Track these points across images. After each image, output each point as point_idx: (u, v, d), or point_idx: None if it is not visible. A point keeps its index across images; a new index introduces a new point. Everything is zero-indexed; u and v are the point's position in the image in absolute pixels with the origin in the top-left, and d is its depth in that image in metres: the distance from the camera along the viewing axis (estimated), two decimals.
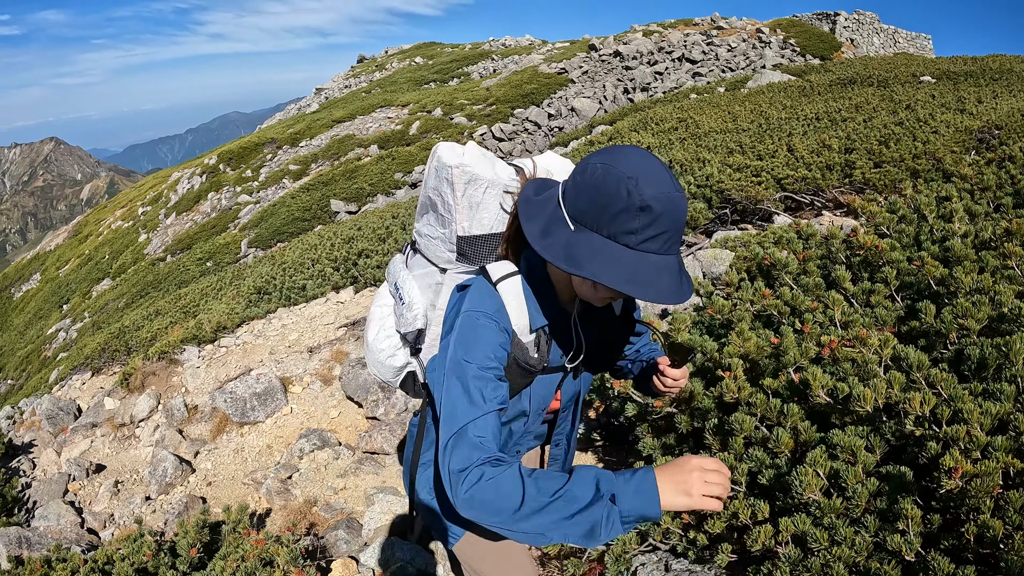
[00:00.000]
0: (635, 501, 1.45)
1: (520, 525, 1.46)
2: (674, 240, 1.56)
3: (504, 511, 1.46)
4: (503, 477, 1.48)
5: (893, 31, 42.19)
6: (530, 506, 1.45)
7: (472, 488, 1.49)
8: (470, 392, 1.66)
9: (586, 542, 1.45)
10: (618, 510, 1.44)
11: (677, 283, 1.56)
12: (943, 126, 10.06)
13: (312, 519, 5.36)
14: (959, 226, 4.74)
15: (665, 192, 1.51)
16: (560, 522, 1.44)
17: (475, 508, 1.49)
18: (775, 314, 4.05)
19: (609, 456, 4.85)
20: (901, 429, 2.69)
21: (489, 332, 1.76)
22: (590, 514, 1.44)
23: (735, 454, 2.94)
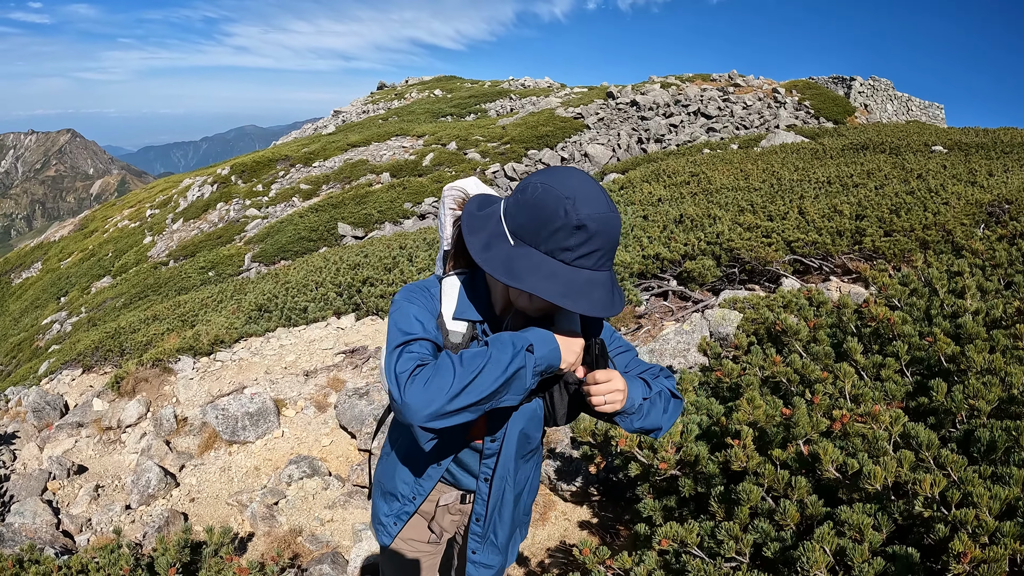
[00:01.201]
0: (545, 348, 1.75)
1: (462, 399, 1.63)
2: (607, 257, 1.71)
3: (443, 394, 1.61)
4: (439, 364, 1.66)
5: (907, 99, 42.59)
6: (461, 383, 1.62)
7: (415, 379, 1.64)
8: (409, 320, 1.85)
9: (516, 394, 1.72)
10: (534, 358, 1.72)
11: (609, 297, 1.71)
12: (954, 197, 10.08)
13: (296, 549, 5.25)
14: (971, 303, 4.71)
15: (600, 212, 1.66)
16: (494, 382, 1.65)
17: (420, 396, 1.61)
18: (784, 381, 4.01)
19: (605, 512, 4.79)
20: (910, 509, 2.64)
21: (421, 295, 1.97)
22: (515, 364, 1.68)
23: (740, 524, 2.86)
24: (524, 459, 2.20)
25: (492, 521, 2.20)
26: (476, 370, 1.64)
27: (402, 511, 2.26)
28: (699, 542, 2.87)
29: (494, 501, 2.17)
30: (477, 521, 2.21)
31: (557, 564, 4.35)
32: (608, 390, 1.80)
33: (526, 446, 2.16)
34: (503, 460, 2.12)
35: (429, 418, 1.63)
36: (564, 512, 5.00)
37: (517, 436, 2.10)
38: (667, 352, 6.27)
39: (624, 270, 9.28)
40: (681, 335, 6.39)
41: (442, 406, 1.62)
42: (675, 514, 3.45)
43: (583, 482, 5.02)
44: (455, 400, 1.62)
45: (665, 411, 1.98)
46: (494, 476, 2.14)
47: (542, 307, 1.83)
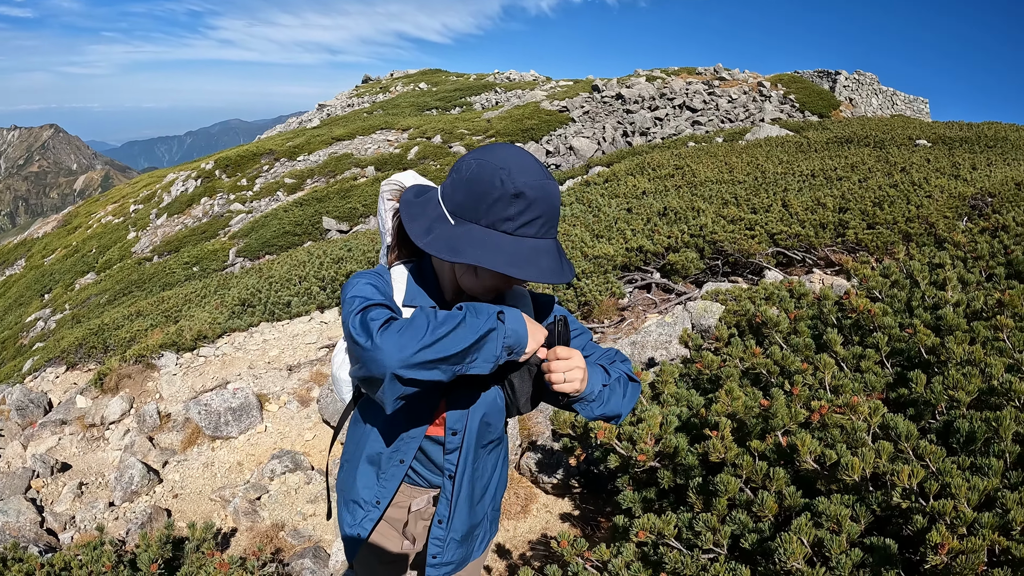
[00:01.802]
0: (515, 324, 1.73)
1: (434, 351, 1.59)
2: (549, 225, 1.72)
3: (417, 342, 1.59)
4: (413, 316, 1.64)
5: (892, 93, 42.74)
6: (435, 335, 1.59)
7: (388, 328, 1.62)
8: (370, 289, 1.84)
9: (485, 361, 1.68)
10: (504, 327, 1.69)
11: (557, 264, 1.71)
12: (937, 191, 10.14)
13: (279, 544, 5.23)
14: (952, 294, 4.73)
15: (537, 180, 1.68)
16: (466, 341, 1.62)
17: (395, 341, 1.59)
18: (764, 373, 4.01)
19: (587, 504, 4.79)
20: (888, 500, 2.65)
21: (374, 276, 1.95)
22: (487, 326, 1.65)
23: (718, 515, 2.86)
24: (487, 450, 2.17)
25: (455, 520, 2.15)
26: (450, 326, 1.61)
27: (366, 519, 2.18)
28: (677, 534, 2.87)
29: (457, 497, 2.13)
30: (440, 523, 2.15)
31: (538, 557, 4.36)
32: (568, 367, 1.77)
33: (488, 435, 2.12)
34: (465, 452, 2.08)
35: (402, 363, 1.58)
36: (546, 505, 5.00)
37: (479, 426, 2.06)
38: (649, 344, 6.27)
39: (607, 263, 9.28)
40: (663, 327, 6.39)
41: (416, 352, 1.59)
42: (654, 506, 3.45)
43: (564, 474, 5.02)
44: (429, 350, 1.59)
45: (624, 396, 1.96)
46: (457, 470, 2.10)
47: (491, 286, 1.84)
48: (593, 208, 13.60)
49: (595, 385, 1.86)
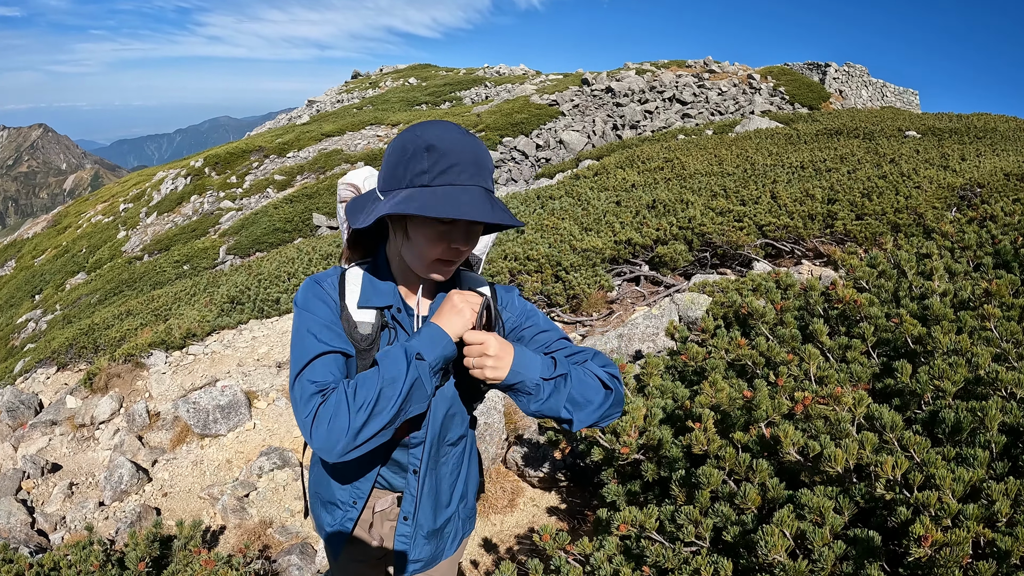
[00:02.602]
0: (434, 350, 1.72)
1: (368, 430, 1.64)
2: (470, 173, 1.71)
3: (347, 432, 1.62)
4: (335, 411, 1.64)
5: (881, 84, 42.85)
6: (362, 416, 1.62)
7: (318, 421, 1.64)
8: (303, 338, 1.82)
9: (420, 403, 1.72)
10: (427, 364, 1.70)
11: (481, 203, 1.68)
12: (926, 182, 10.16)
13: (266, 540, 5.22)
14: (938, 284, 4.73)
15: (449, 135, 1.71)
16: (394, 403, 1.65)
17: (326, 438, 1.63)
18: (749, 364, 4.00)
19: (573, 497, 4.78)
20: (871, 492, 2.64)
21: (315, 296, 1.90)
22: (413, 380, 1.67)
23: (700, 508, 2.85)
24: (452, 444, 2.14)
25: (419, 515, 2.13)
26: (372, 400, 1.63)
27: (345, 519, 2.17)
28: (658, 527, 2.86)
29: (422, 492, 2.10)
30: (405, 520, 2.12)
31: (524, 551, 4.35)
32: (476, 353, 1.74)
33: (452, 429, 2.10)
34: (429, 447, 2.06)
35: (341, 455, 1.65)
36: (532, 498, 4.99)
37: (442, 419, 2.04)
38: (636, 337, 6.26)
39: (596, 256, 9.27)
40: (650, 319, 6.38)
41: (349, 443, 1.63)
42: (639, 499, 3.44)
43: (550, 468, 5.01)
44: (360, 433, 1.63)
45: (577, 405, 1.83)
46: (422, 465, 2.07)
47: (432, 255, 1.80)
48: (582, 201, 13.59)
49: (528, 375, 1.76)
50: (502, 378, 1.74)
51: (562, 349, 1.98)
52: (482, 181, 1.73)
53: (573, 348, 2.00)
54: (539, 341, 2.01)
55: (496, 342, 1.74)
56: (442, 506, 2.18)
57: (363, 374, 1.71)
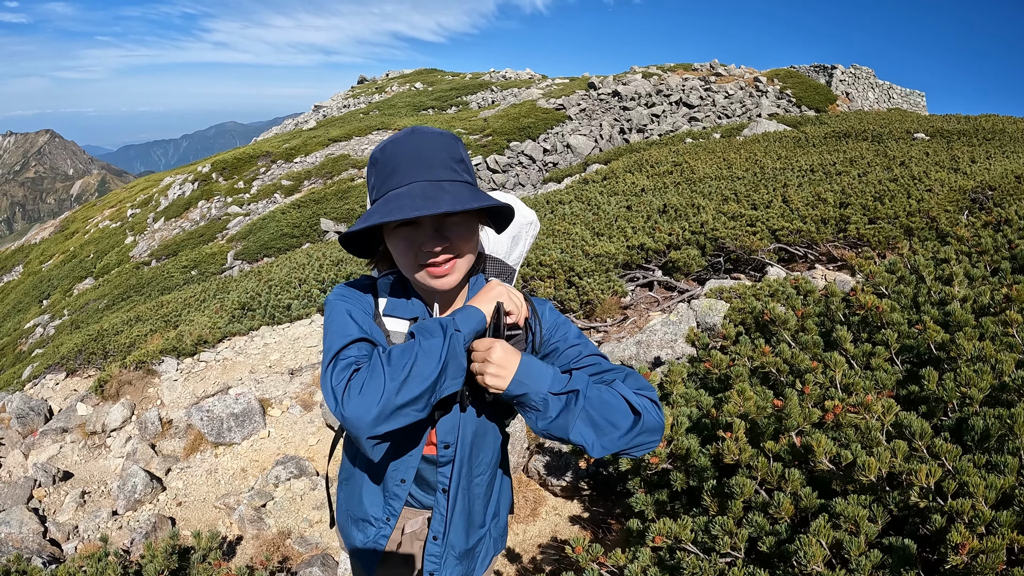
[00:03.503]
0: (469, 323, 1.71)
1: (403, 395, 1.57)
2: (405, 170, 1.67)
3: (380, 398, 1.55)
4: (371, 367, 1.60)
5: (888, 86, 42.79)
6: (397, 380, 1.56)
7: (350, 389, 1.58)
8: (343, 320, 1.80)
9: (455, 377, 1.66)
10: (461, 335, 1.67)
11: (421, 197, 1.61)
12: (937, 184, 10.12)
13: (285, 552, 5.19)
14: (959, 290, 4.70)
15: (394, 141, 1.70)
16: (432, 370, 1.59)
17: (358, 405, 1.56)
18: (773, 372, 3.97)
19: (596, 506, 4.75)
20: (905, 500, 2.61)
21: (353, 293, 1.90)
22: (450, 346, 1.63)
23: (734, 518, 2.82)
24: (483, 462, 2.07)
25: (451, 535, 2.06)
26: (408, 364, 1.58)
27: (379, 535, 2.10)
28: (693, 538, 2.83)
29: (452, 511, 2.03)
30: (435, 540, 2.05)
31: (549, 560, 4.32)
32: (480, 358, 1.69)
33: (483, 446, 2.04)
34: (459, 465, 1.99)
35: (372, 425, 1.57)
36: (555, 507, 4.96)
37: (472, 436, 1.98)
38: (654, 343, 6.24)
39: (609, 261, 9.24)
40: (668, 326, 6.36)
41: (382, 409, 1.56)
42: (667, 508, 3.41)
43: (573, 477, 4.98)
44: (395, 398, 1.56)
45: (597, 428, 1.69)
46: (451, 483, 2.00)
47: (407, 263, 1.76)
48: (593, 206, 13.57)
49: (534, 388, 1.67)
50: (503, 387, 1.67)
51: (590, 365, 1.88)
52: (424, 175, 1.66)
53: (604, 365, 1.88)
54: (568, 356, 1.92)
55: (501, 348, 1.68)
56: (475, 526, 2.12)
57: (399, 345, 1.65)
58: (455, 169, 1.69)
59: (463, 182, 1.70)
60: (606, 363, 1.90)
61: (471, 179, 1.74)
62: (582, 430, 1.68)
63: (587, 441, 1.68)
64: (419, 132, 1.72)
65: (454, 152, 1.71)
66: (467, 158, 1.76)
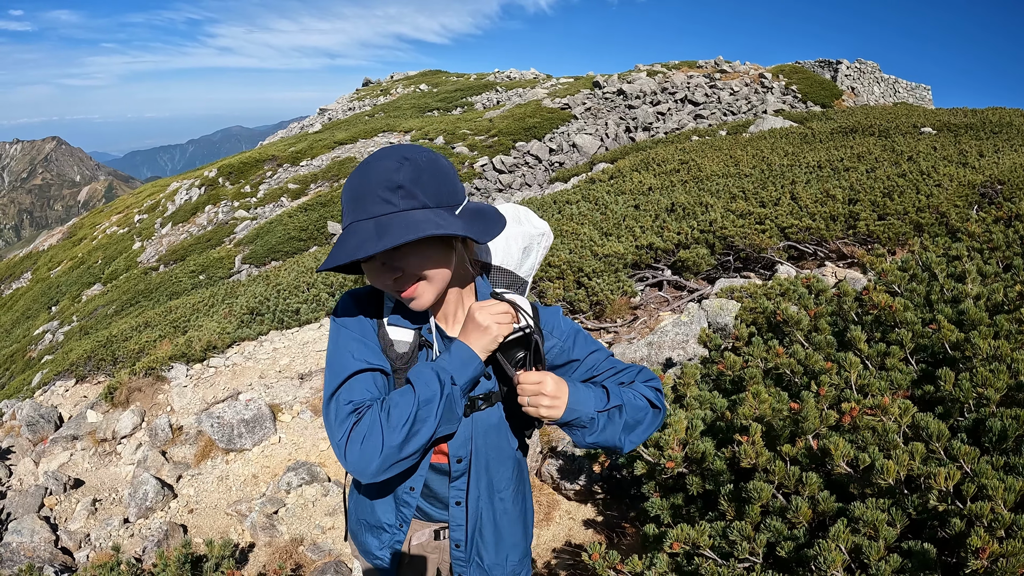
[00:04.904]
0: (465, 371, 1.74)
1: (405, 450, 1.66)
2: (351, 208, 1.71)
3: (380, 452, 1.64)
4: (368, 432, 1.66)
5: (894, 81, 42.64)
6: (399, 437, 1.64)
7: (351, 440, 1.66)
8: (340, 355, 1.83)
9: (450, 424, 1.75)
10: (458, 388, 1.72)
11: (367, 238, 1.63)
12: (946, 179, 10.06)
13: (298, 559, 5.17)
14: (972, 287, 4.66)
15: (351, 175, 1.73)
16: (430, 424, 1.68)
17: (360, 458, 1.65)
18: (787, 373, 3.94)
19: (610, 510, 4.73)
20: (924, 503, 2.59)
21: (353, 312, 1.91)
22: (447, 402, 1.70)
23: (752, 522, 2.79)
24: (506, 477, 2.08)
25: (475, 544, 2.08)
26: (407, 422, 1.65)
27: (394, 540, 2.11)
28: (711, 543, 2.80)
29: (473, 523, 2.05)
30: (457, 547, 2.08)
31: (563, 565, 4.30)
32: (532, 392, 1.74)
33: (500, 457, 2.04)
34: (475, 478, 2.01)
35: (373, 475, 1.67)
36: (568, 511, 4.94)
37: (486, 448, 1.99)
38: (666, 344, 6.21)
39: (618, 261, 9.22)
40: (679, 326, 6.33)
41: (382, 463, 1.66)
42: (682, 512, 3.38)
43: (587, 480, 4.96)
44: (395, 454, 1.66)
45: (629, 428, 1.85)
46: (468, 498, 2.02)
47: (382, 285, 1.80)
48: (600, 206, 13.54)
49: (584, 410, 1.78)
50: (558, 417, 1.75)
51: (610, 369, 1.98)
52: (360, 214, 1.68)
53: (620, 366, 2.00)
54: (588, 364, 1.99)
55: (552, 382, 1.75)
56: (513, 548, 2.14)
57: (395, 394, 1.72)
58: (390, 201, 1.67)
59: (400, 211, 1.67)
60: (620, 363, 2.01)
61: (416, 202, 1.69)
62: (620, 435, 1.84)
63: (622, 442, 1.85)
64: (363, 166, 1.72)
65: (389, 181, 1.67)
66: (414, 178, 1.69)
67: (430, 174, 1.72)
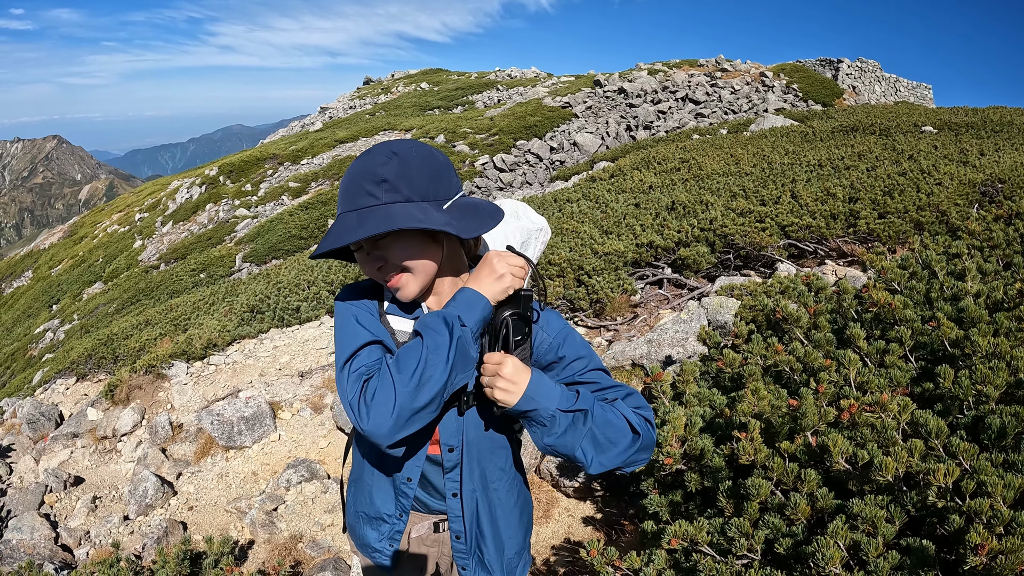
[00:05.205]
0: (473, 312, 1.69)
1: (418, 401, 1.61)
2: (342, 200, 1.78)
3: (394, 406, 1.60)
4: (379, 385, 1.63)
5: (894, 80, 42.61)
6: (410, 386, 1.60)
7: (364, 402, 1.63)
8: (350, 326, 1.83)
9: (465, 370, 1.69)
10: (469, 329, 1.67)
11: (350, 225, 1.71)
12: (946, 178, 10.04)
13: (298, 556, 5.17)
14: (972, 285, 4.65)
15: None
16: (442, 370, 1.62)
17: (375, 418, 1.61)
18: (787, 370, 3.94)
19: (609, 507, 4.73)
20: (923, 500, 2.58)
21: (357, 294, 1.94)
22: (458, 345, 1.64)
23: (750, 519, 2.79)
24: (498, 468, 2.06)
25: (474, 535, 2.06)
26: (417, 369, 1.61)
27: (394, 531, 2.11)
28: (709, 540, 2.80)
29: (470, 514, 2.04)
30: (458, 539, 2.07)
31: (562, 562, 4.30)
32: (491, 372, 1.69)
33: (492, 447, 2.03)
34: (468, 469, 1.99)
35: (390, 434, 1.62)
36: (567, 508, 4.94)
37: (477, 439, 1.98)
38: (665, 342, 6.21)
39: (618, 259, 9.20)
40: (679, 324, 6.33)
41: (397, 417, 1.61)
42: (681, 509, 3.38)
43: (586, 477, 4.96)
44: (409, 404, 1.61)
45: (598, 446, 1.74)
46: (462, 489, 2.01)
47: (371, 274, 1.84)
48: (600, 204, 13.53)
49: (543, 405, 1.69)
50: (512, 403, 1.69)
51: (594, 383, 1.90)
52: (348, 206, 1.76)
53: (607, 382, 1.91)
54: (573, 368, 1.92)
55: (512, 364, 1.69)
56: (498, 529, 2.10)
57: (404, 347, 1.69)
58: (374, 194, 1.73)
59: (381, 204, 1.73)
60: (608, 379, 1.93)
61: (400, 196, 1.74)
62: (585, 447, 1.73)
63: (587, 458, 1.75)
64: (356, 160, 1.79)
65: (374, 175, 1.74)
66: (400, 172, 1.74)
67: (418, 169, 1.76)
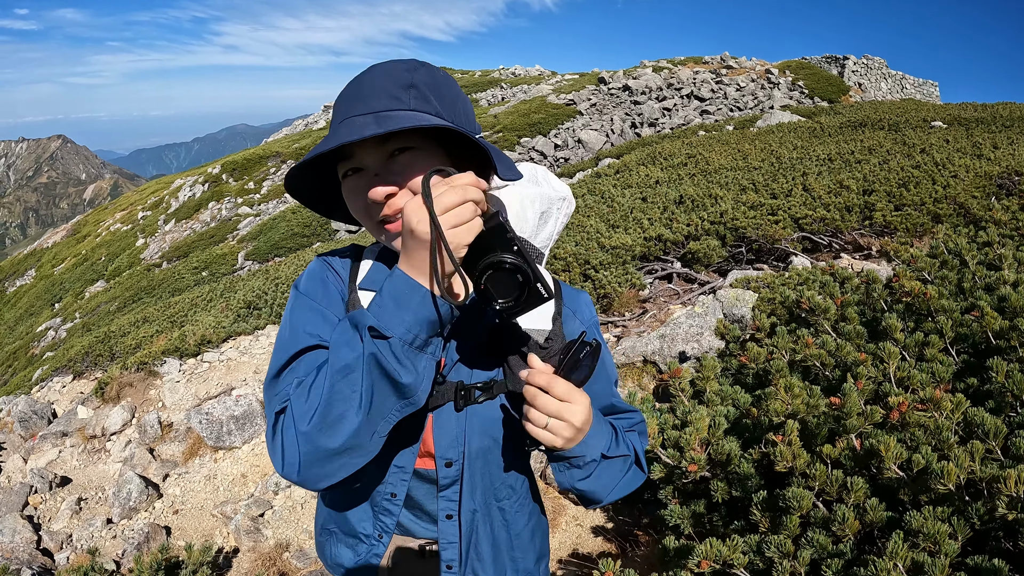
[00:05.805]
0: (401, 314, 1.15)
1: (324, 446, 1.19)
2: (346, 106, 1.31)
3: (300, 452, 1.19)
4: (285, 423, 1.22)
5: (900, 76, 42.39)
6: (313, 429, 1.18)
7: (273, 449, 1.24)
8: (288, 330, 1.39)
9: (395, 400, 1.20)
10: (396, 341, 1.15)
11: (353, 129, 1.22)
12: (962, 170, 9.78)
13: (282, 567, 4.82)
14: (1009, 274, 4.31)
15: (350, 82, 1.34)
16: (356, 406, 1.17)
17: (288, 470, 1.22)
18: (816, 365, 3.57)
19: (621, 515, 4.38)
20: (991, 511, 2.21)
21: (317, 279, 1.46)
22: (368, 370, 1.16)
23: (790, 535, 2.38)
24: (504, 482, 1.57)
25: (470, 564, 1.59)
26: (321, 403, 1.19)
27: (371, 554, 1.61)
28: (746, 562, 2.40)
29: (468, 540, 1.57)
30: (449, 568, 1.56)
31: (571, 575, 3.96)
32: (555, 410, 1.25)
33: (498, 462, 1.53)
34: (469, 486, 1.51)
35: (309, 482, 1.24)
36: (575, 517, 4.59)
37: (484, 449, 1.49)
38: (679, 337, 5.86)
39: (626, 253, 8.88)
40: (693, 318, 5.98)
41: (308, 466, 1.22)
42: (704, 521, 2.99)
43: None
44: (318, 451, 1.20)
45: (617, 481, 1.44)
46: (461, 510, 1.53)
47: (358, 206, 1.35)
48: (607, 198, 13.21)
49: (592, 448, 1.34)
50: (563, 447, 1.29)
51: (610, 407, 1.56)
52: (358, 109, 1.29)
53: (621, 405, 1.58)
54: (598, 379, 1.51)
55: (584, 406, 1.28)
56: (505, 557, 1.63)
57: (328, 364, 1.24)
58: (400, 98, 1.28)
59: (409, 109, 1.28)
60: (620, 400, 1.59)
61: (430, 108, 1.30)
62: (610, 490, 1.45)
63: (601, 497, 1.45)
64: (370, 68, 1.34)
65: (401, 79, 1.30)
66: (430, 83, 1.32)
67: (448, 87, 1.34)
